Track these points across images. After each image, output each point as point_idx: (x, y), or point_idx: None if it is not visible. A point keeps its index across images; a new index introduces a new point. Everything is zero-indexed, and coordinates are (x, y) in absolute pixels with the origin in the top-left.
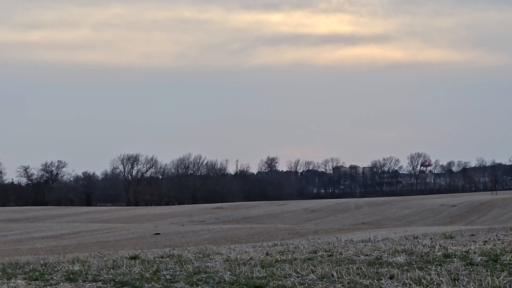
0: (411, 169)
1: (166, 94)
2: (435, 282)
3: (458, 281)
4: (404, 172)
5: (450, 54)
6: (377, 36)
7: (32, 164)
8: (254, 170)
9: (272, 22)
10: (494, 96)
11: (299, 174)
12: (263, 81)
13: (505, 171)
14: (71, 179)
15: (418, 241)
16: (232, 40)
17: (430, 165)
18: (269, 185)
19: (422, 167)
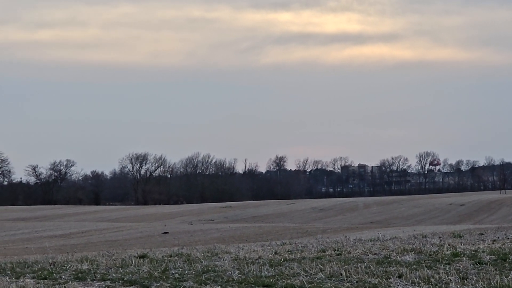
0: (420, 168)
1: (174, 93)
2: (444, 281)
3: (466, 280)
4: (412, 171)
5: (459, 53)
6: (385, 35)
7: (40, 163)
8: (262, 169)
9: (280, 21)
10: (503, 95)
11: (308, 173)
12: (272, 80)
13: None
14: (80, 178)
15: (426, 240)
16: (240, 39)
17: (438, 164)
18: (277, 184)
19: (430, 166)
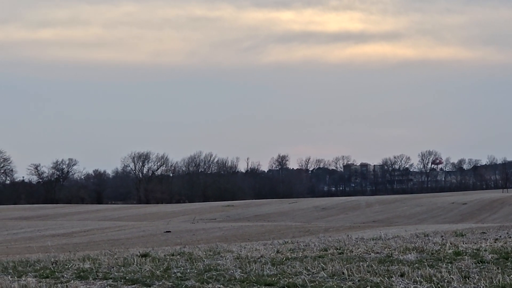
0: (422, 167)
1: (177, 92)
2: (446, 280)
3: (468, 278)
4: (415, 170)
5: (461, 52)
6: (387, 33)
7: (43, 162)
8: (265, 168)
9: (282, 20)
10: (505, 93)
11: (310, 172)
12: (274, 79)
13: None
14: (82, 177)
15: (429, 239)
16: (243, 38)
17: (441, 163)
18: (279, 183)
19: (433, 165)
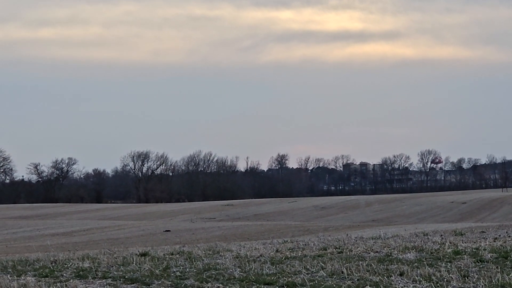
0: (422, 166)
1: (176, 91)
2: (445, 279)
3: (468, 278)
4: (414, 169)
5: (460, 51)
6: (387, 33)
7: (42, 161)
8: (264, 167)
9: (282, 19)
10: (505, 93)
11: (309, 171)
12: (273, 78)
13: None
14: (82, 176)
15: (428, 238)
16: (242, 37)
17: (440, 162)
18: (279, 182)
19: (432, 164)
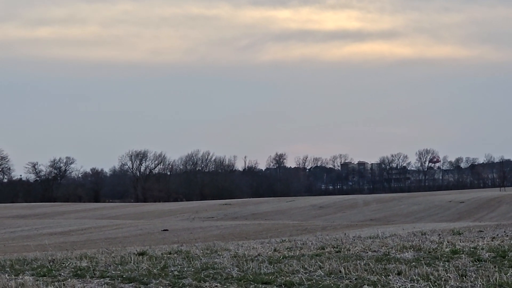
0: (419, 165)
1: (174, 90)
2: (443, 278)
3: (465, 277)
4: (412, 168)
5: (458, 51)
6: (385, 32)
7: (40, 160)
8: (262, 166)
9: (280, 18)
10: (503, 92)
11: (307, 170)
12: (271, 77)
13: None
14: (80, 176)
15: (426, 237)
16: (240, 36)
17: (438, 161)
18: (277, 181)
19: (430, 164)
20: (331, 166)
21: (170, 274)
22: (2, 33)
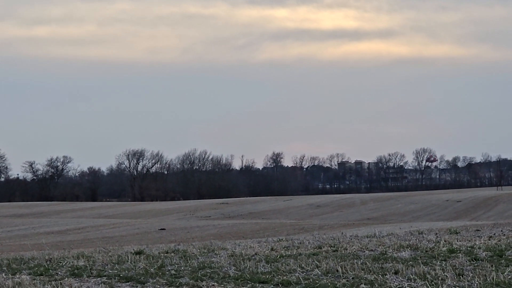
0: (417, 164)
1: (171, 89)
2: (440, 277)
3: (463, 276)
4: (409, 167)
5: (455, 50)
6: (382, 31)
7: (37, 159)
8: (259, 165)
9: (277, 18)
10: (500, 91)
11: (305, 169)
12: (268, 76)
13: (510, 167)
14: (77, 175)
15: (423, 236)
16: (237, 35)
17: (435, 160)
18: (274, 180)
19: (427, 163)
20: (328, 165)
21: (167, 273)
22: None
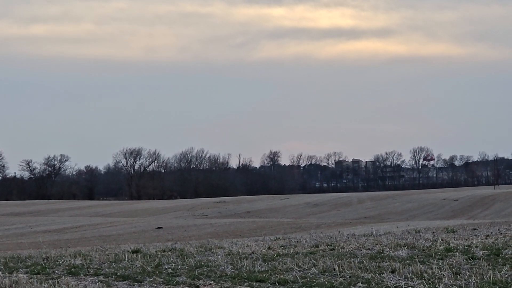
0: (414, 163)
1: (168, 88)
2: (437, 276)
3: (459, 275)
4: (406, 166)
5: (453, 49)
6: (379, 30)
7: (34, 158)
8: (256, 164)
9: (274, 16)
10: (497, 90)
11: (302, 168)
12: (266, 75)
13: (507, 165)
14: (74, 173)
15: (420, 235)
16: (234, 34)
17: (432, 159)
18: (271, 179)
19: (424, 161)
20: (326, 164)
21: (164, 271)
22: None
